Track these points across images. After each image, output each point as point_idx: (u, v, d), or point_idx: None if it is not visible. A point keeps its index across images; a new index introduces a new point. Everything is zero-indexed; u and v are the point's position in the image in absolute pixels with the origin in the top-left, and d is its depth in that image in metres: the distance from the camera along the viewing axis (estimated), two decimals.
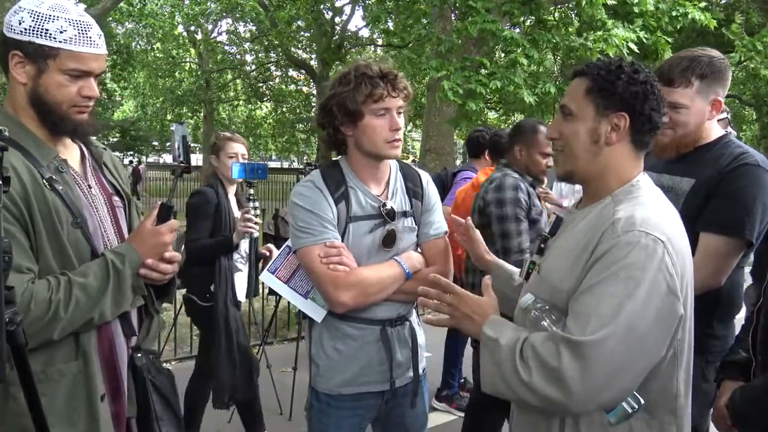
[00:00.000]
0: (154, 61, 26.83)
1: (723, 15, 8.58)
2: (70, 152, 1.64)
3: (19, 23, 1.48)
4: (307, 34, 22.02)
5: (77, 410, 1.52)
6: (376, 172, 1.95)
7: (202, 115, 30.51)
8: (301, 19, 19.83)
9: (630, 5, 7.23)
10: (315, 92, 24.91)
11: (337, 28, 21.78)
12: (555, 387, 1.25)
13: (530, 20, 8.20)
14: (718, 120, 2.24)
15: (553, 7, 8.21)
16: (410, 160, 14.07)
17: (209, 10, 24.50)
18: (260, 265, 3.39)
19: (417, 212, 2.00)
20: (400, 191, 1.99)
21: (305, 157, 32.69)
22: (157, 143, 35.96)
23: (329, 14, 20.45)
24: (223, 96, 30.59)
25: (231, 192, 3.26)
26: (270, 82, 28.05)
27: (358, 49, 21.27)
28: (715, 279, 1.90)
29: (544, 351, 1.27)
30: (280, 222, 4.76)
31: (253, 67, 27.77)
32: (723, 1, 12.52)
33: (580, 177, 1.48)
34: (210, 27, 27.98)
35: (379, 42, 20.34)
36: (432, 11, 9.19)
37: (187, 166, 1.82)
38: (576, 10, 7.88)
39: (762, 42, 8.49)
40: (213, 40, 27.94)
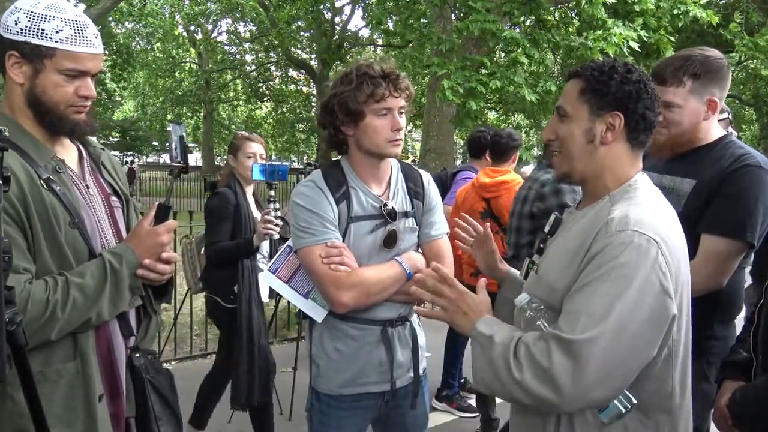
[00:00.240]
0: (154, 61, 26.85)
1: (722, 15, 8.57)
2: (68, 152, 1.64)
3: (15, 23, 1.47)
4: (307, 34, 22.05)
5: (75, 410, 1.52)
6: (377, 172, 1.94)
7: (202, 115, 30.54)
8: (301, 19, 19.84)
9: (630, 4, 7.22)
10: (315, 92, 24.95)
11: (337, 28, 21.79)
12: (546, 386, 1.25)
13: (530, 20, 8.19)
14: (719, 120, 2.23)
15: (553, 7, 8.21)
16: (410, 160, 14.06)
17: (209, 10, 24.52)
18: None
19: (418, 212, 1.99)
20: (401, 191, 1.98)
21: (305, 157, 32.72)
22: (157, 143, 35.98)
23: (329, 14, 20.47)
24: (223, 96, 30.62)
25: (249, 192, 3.25)
26: (270, 82, 28.08)
27: (358, 49, 21.28)
28: (716, 281, 1.88)
29: (536, 350, 1.28)
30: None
31: (253, 67, 27.79)
32: (723, 1, 12.51)
33: (578, 178, 1.47)
34: (210, 27, 28.01)
35: (380, 42, 20.35)
36: (432, 11, 9.18)
37: (184, 167, 1.82)
38: (576, 9, 7.87)
39: (764, 39, 8.47)
40: (213, 40, 27.95)
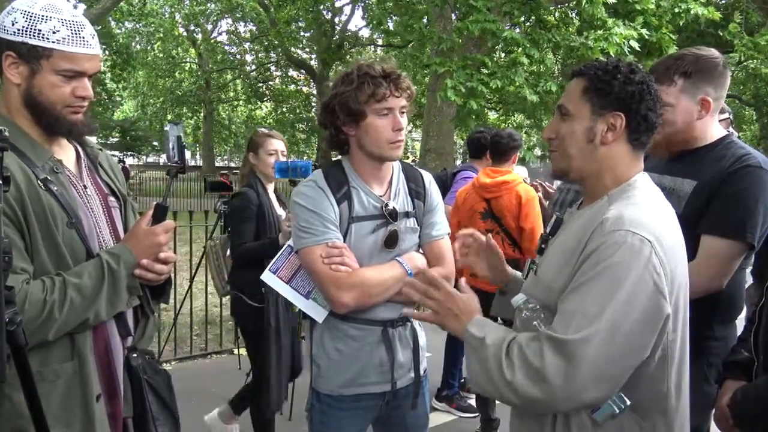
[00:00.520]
0: (154, 61, 26.86)
1: (723, 15, 8.56)
2: (66, 153, 1.64)
3: (12, 24, 1.47)
4: (307, 34, 22.05)
5: (73, 411, 1.52)
6: (379, 172, 1.94)
7: (202, 115, 30.55)
8: (301, 19, 19.85)
9: (631, 3, 7.21)
10: (315, 92, 24.95)
11: (337, 28, 21.80)
12: (538, 386, 1.25)
13: (530, 20, 8.19)
14: (720, 120, 2.22)
15: (553, 7, 8.20)
16: (410, 160, 14.07)
17: (209, 11, 24.53)
18: None
19: (419, 213, 1.99)
20: (402, 192, 1.98)
21: (305, 157, 32.71)
22: (157, 143, 35.98)
23: (329, 14, 20.47)
24: (223, 96, 30.64)
25: (270, 189, 3.21)
26: (270, 82, 28.08)
27: (358, 49, 21.29)
28: (717, 282, 1.87)
29: (529, 350, 1.28)
30: None
31: (253, 67, 27.80)
32: (723, 1, 12.51)
33: (576, 175, 1.47)
34: (210, 27, 28.02)
35: (380, 42, 20.36)
36: (432, 11, 9.18)
37: (182, 167, 1.81)
38: (576, 9, 7.86)
39: (764, 39, 8.46)
40: (213, 40, 27.97)
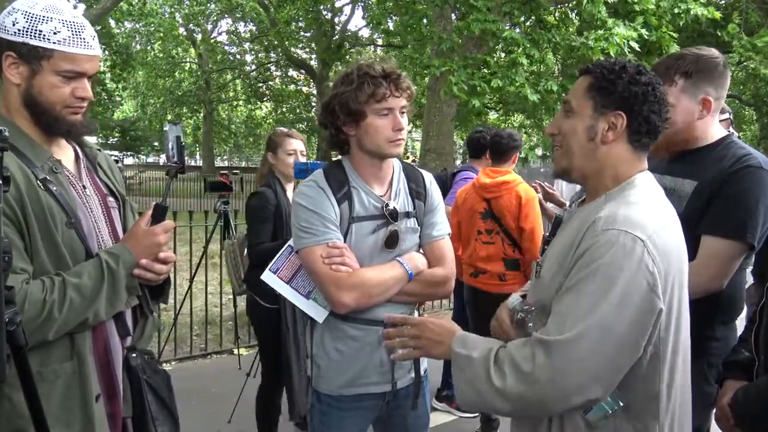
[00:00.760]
0: (154, 61, 26.87)
1: (722, 15, 8.56)
2: (65, 153, 1.64)
3: (13, 24, 1.47)
4: (307, 34, 22.05)
5: (72, 411, 1.52)
6: (379, 172, 1.93)
7: (201, 115, 30.55)
8: (301, 19, 19.86)
9: (631, 3, 7.21)
10: (315, 92, 24.95)
11: (337, 28, 21.80)
12: (530, 390, 1.25)
13: (530, 20, 8.18)
14: (721, 121, 2.21)
15: (553, 7, 8.20)
16: (410, 160, 14.08)
17: (209, 11, 24.54)
18: None
19: (420, 213, 1.99)
20: (403, 192, 1.97)
21: (305, 158, 32.63)
22: (157, 143, 36.00)
23: (329, 14, 20.48)
24: (223, 96, 30.64)
25: (289, 190, 3.18)
26: (270, 82, 28.08)
27: (358, 49, 21.29)
28: (717, 282, 1.87)
29: (520, 356, 1.28)
30: None
31: (253, 67, 27.81)
32: (723, 1, 12.50)
33: (577, 175, 1.46)
34: (210, 27, 28.03)
35: (380, 42, 20.36)
36: (432, 11, 9.17)
37: (181, 167, 1.82)
38: (576, 9, 7.86)
39: (762, 41, 8.46)
40: (213, 40, 27.98)
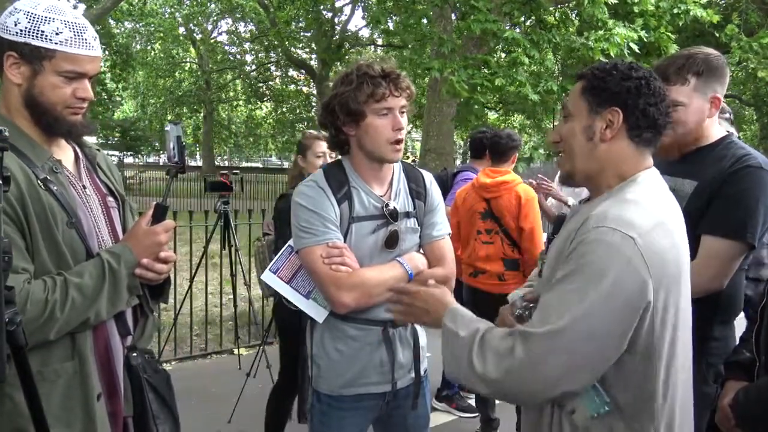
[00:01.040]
0: (154, 61, 26.87)
1: (722, 15, 8.56)
2: (64, 153, 1.64)
3: (15, 24, 1.47)
4: (307, 34, 22.06)
5: (73, 410, 1.52)
6: (379, 172, 1.93)
7: (201, 115, 30.56)
8: (301, 19, 19.85)
9: (630, 5, 7.21)
10: (315, 92, 24.95)
11: (337, 28, 21.80)
12: (508, 379, 1.28)
13: (530, 21, 8.18)
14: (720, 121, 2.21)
15: (553, 7, 8.20)
16: (410, 160, 14.08)
17: (209, 11, 24.54)
18: None
19: (420, 213, 1.99)
20: (403, 192, 1.98)
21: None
22: (157, 143, 36.02)
23: (329, 14, 20.47)
24: (223, 96, 30.64)
25: None
26: (270, 82, 28.10)
27: (358, 49, 21.29)
28: (717, 282, 1.88)
29: (503, 345, 1.30)
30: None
31: (253, 67, 27.81)
32: (722, 2, 12.50)
33: (581, 177, 1.46)
34: (210, 27, 28.04)
35: (379, 42, 20.36)
36: (433, 11, 9.16)
37: (181, 167, 1.82)
38: (576, 9, 7.85)
39: (759, 43, 8.48)
40: (213, 40, 27.99)
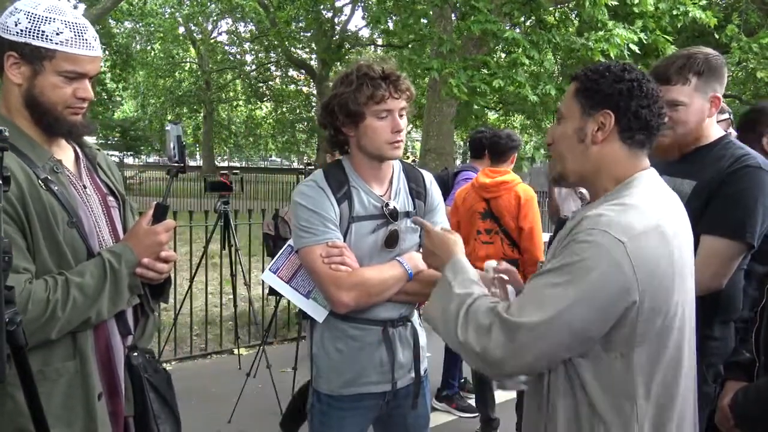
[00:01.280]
0: (154, 61, 26.87)
1: (722, 16, 8.57)
2: (65, 153, 1.64)
3: (15, 24, 1.48)
4: (307, 34, 22.06)
5: (74, 409, 1.52)
6: (379, 172, 1.94)
7: (201, 115, 30.57)
8: (301, 19, 19.85)
9: (630, 6, 7.21)
10: (315, 92, 24.97)
11: (337, 28, 21.80)
12: (482, 352, 1.32)
13: (530, 21, 8.18)
14: (720, 121, 2.22)
15: (553, 8, 8.20)
16: (410, 160, 14.07)
17: (209, 11, 24.54)
18: None
19: (420, 213, 1.99)
20: (403, 191, 1.98)
21: (305, 157, 32.73)
22: (157, 143, 36.03)
23: (329, 14, 20.47)
24: (223, 96, 30.65)
25: None
26: (270, 82, 28.11)
27: (358, 49, 21.29)
28: (717, 281, 1.88)
29: (484, 322, 1.33)
30: (280, 222, 4.74)
31: (253, 67, 27.82)
32: (723, 2, 12.50)
33: (575, 179, 1.47)
34: (210, 27, 28.04)
35: (379, 42, 20.35)
36: (433, 11, 9.16)
37: (182, 166, 1.82)
38: (576, 10, 7.85)
39: (759, 43, 8.48)
40: (213, 40, 27.99)
